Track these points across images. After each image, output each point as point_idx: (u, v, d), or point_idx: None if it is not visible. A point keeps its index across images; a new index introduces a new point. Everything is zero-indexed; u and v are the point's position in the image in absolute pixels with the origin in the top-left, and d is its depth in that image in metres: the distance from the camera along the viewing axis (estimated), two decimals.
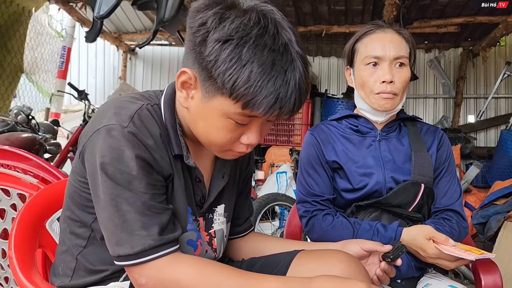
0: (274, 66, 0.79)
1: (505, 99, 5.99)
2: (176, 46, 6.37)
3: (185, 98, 0.90)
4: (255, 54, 0.78)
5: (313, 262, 0.98)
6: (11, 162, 1.72)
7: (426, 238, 1.20)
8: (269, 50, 0.79)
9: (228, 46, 0.78)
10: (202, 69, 0.82)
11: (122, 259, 0.85)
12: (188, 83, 0.88)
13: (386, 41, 1.33)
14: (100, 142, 0.85)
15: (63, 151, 3.84)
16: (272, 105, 0.80)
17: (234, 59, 0.77)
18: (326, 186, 1.39)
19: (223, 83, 0.79)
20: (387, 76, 1.30)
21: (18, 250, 1.03)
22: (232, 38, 0.78)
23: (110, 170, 0.84)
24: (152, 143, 0.88)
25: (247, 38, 0.78)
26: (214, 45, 0.79)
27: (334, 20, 5.08)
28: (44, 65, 5.75)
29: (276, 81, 0.79)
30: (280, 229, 3.38)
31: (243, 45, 0.78)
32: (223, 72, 0.78)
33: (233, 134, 0.88)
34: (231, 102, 0.81)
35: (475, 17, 4.65)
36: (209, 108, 0.85)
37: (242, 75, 0.78)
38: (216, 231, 1.08)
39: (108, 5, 2.89)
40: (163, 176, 0.91)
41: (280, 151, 4.90)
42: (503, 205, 3.17)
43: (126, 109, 0.88)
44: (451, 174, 1.40)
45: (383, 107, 1.33)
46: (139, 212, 0.84)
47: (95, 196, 0.88)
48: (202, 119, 0.88)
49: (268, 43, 0.79)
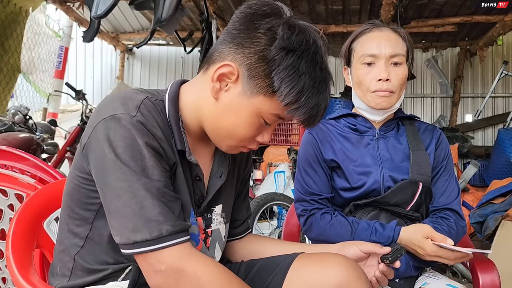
0: (321, 83, 0.91)
1: (503, 98, 6.00)
2: (174, 45, 6.37)
3: (218, 89, 0.94)
4: (309, 68, 0.89)
5: (312, 265, 0.99)
6: (8, 162, 1.72)
7: (424, 237, 1.20)
8: (319, 68, 0.91)
9: (292, 56, 0.88)
10: (257, 67, 0.89)
11: (138, 246, 0.83)
12: (227, 76, 0.92)
13: (381, 40, 1.33)
14: (110, 132, 0.85)
15: (61, 151, 3.83)
16: (311, 115, 0.92)
17: (294, 68, 0.88)
18: (324, 185, 1.39)
19: (279, 88, 0.88)
20: (383, 74, 1.31)
21: (16, 250, 1.03)
22: (296, 50, 0.88)
23: (125, 157, 0.84)
24: (160, 133, 0.90)
25: (307, 52, 0.89)
26: (279, 52, 0.88)
27: (331, 20, 5.09)
28: (42, 65, 5.73)
29: (320, 96, 0.91)
30: (278, 229, 3.38)
31: (303, 58, 0.88)
32: (283, 77, 0.88)
33: (257, 132, 0.96)
34: (276, 104, 0.90)
35: (472, 17, 4.67)
36: (246, 104, 0.92)
37: (298, 84, 0.88)
38: (213, 231, 1.08)
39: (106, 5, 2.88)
40: (170, 166, 0.92)
41: (278, 150, 4.89)
42: (501, 204, 3.18)
43: (132, 100, 0.89)
44: (449, 173, 1.40)
45: (379, 105, 1.33)
46: (155, 198, 0.84)
47: (104, 185, 0.86)
48: (233, 113, 0.93)
49: (319, 61, 0.91)
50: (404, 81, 1.35)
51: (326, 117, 1.51)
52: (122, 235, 0.84)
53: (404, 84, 1.36)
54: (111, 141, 0.85)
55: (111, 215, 0.86)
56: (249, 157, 1.22)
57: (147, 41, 3.46)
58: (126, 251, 0.85)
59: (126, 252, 0.86)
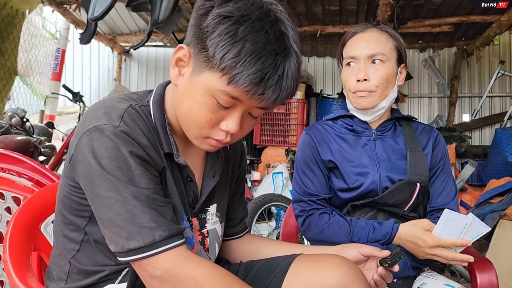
0: (267, 47, 0.81)
1: (499, 98, 6.01)
2: (171, 47, 6.36)
3: (176, 75, 0.92)
4: (250, 33, 0.80)
5: (312, 267, 0.98)
6: (5, 165, 1.71)
7: (425, 229, 1.21)
8: (264, 32, 0.81)
9: (227, 21, 0.81)
10: (197, 41, 0.85)
11: (133, 253, 0.84)
12: (182, 60, 0.90)
13: (361, 41, 1.36)
14: (95, 143, 0.85)
15: (58, 154, 3.83)
16: (257, 83, 0.81)
17: (229, 33, 0.80)
18: (322, 185, 1.39)
19: (214, 54, 0.81)
20: (360, 75, 1.33)
21: (13, 253, 1.03)
22: (232, 15, 0.81)
23: (111, 168, 0.84)
24: (145, 140, 0.89)
25: (246, 17, 0.81)
26: (214, 18, 0.82)
27: (328, 20, 5.08)
28: (39, 67, 5.72)
29: (266, 61, 0.80)
30: (277, 230, 3.38)
31: (241, 23, 0.80)
32: (216, 43, 0.80)
33: (213, 116, 0.88)
34: (218, 76, 0.82)
35: (469, 17, 4.67)
36: (196, 84, 0.87)
37: (233, 49, 0.79)
38: (209, 231, 1.08)
39: (102, 7, 2.88)
40: (158, 172, 0.92)
41: (276, 151, 4.89)
42: (498, 204, 3.19)
43: (115, 109, 0.89)
44: (447, 174, 1.40)
45: (360, 105, 1.36)
46: (145, 206, 0.84)
47: (94, 196, 0.86)
48: (188, 96, 0.89)
49: (265, 26, 0.81)
50: (388, 79, 1.34)
51: (323, 118, 1.52)
52: (117, 244, 0.85)
53: (390, 82, 1.35)
54: (96, 153, 0.84)
55: (103, 225, 0.86)
56: (243, 156, 1.22)
57: (144, 42, 3.46)
58: (121, 259, 0.86)
59: (122, 260, 0.86)
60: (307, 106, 5.28)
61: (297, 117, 5.13)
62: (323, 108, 5.26)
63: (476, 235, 1.16)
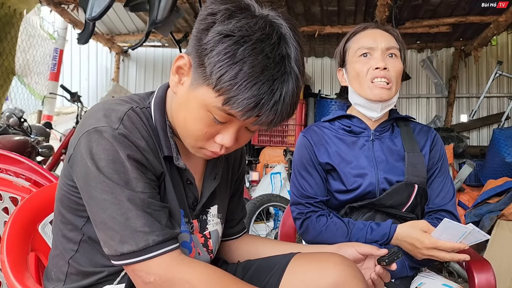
0: (264, 72, 0.79)
1: (497, 98, 6.02)
2: (169, 47, 6.35)
3: (176, 83, 0.91)
4: (249, 55, 0.78)
5: (309, 265, 0.98)
6: (3, 165, 1.71)
7: (422, 230, 1.21)
8: (264, 56, 0.79)
9: (227, 41, 0.79)
10: (197, 55, 0.84)
11: (126, 257, 0.83)
12: (183, 68, 0.89)
13: (377, 35, 1.37)
14: (93, 145, 0.85)
15: (56, 154, 3.82)
16: (251, 109, 0.80)
17: (228, 53, 0.78)
18: (320, 188, 1.39)
19: (211, 74, 0.80)
20: (380, 63, 1.32)
21: (11, 254, 1.03)
22: (233, 34, 0.79)
23: (108, 171, 0.83)
24: (143, 144, 0.88)
25: (247, 38, 0.79)
26: (214, 36, 0.80)
27: (326, 21, 5.09)
28: (36, 67, 5.71)
29: (262, 87, 0.79)
30: (275, 230, 3.38)
31: (241, 44, 0.79)
32: (214, 63, 0.79)
33: (209, 130, 0.88)
34: (214, 95, 0.81)
35: (467, 17, 4.68)
36: (193, 97, 0.86)
37: (231, 71, 0.78)
38: (211, 232, 1.08)
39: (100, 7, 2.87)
40: (156, 176, 0.91)
41: (274, 151, 4.90)
42: (496, 204, 3.20)
43: (115, 111, 0.88)
44: (444, 174, 1.40)
45: (378, 96, 1.33)
46: (140, 210, 0.84)
47: (89, 198, 0.86)
48: (185, 106, 0.89)
49: (265, 49, 0.80)
50: (400, 74, 1.36)
51: (321, 119, 1.52)
52: (110, 247, 0.85)
53: (400, 78, 1.37)
54: (93, 155, 0.84)
55: (98, 227, 0.86)
56: (242, 157, 1.22)
57: (142, 42, 3.45)
58: (115, 262, 0.86)
59: (115, 264, 0.86)
60: (305, 106, 5.29)
61: (295, 117, 5.14)
62: (321, 108, 5.26)
63: (474, 241, 1.16)
